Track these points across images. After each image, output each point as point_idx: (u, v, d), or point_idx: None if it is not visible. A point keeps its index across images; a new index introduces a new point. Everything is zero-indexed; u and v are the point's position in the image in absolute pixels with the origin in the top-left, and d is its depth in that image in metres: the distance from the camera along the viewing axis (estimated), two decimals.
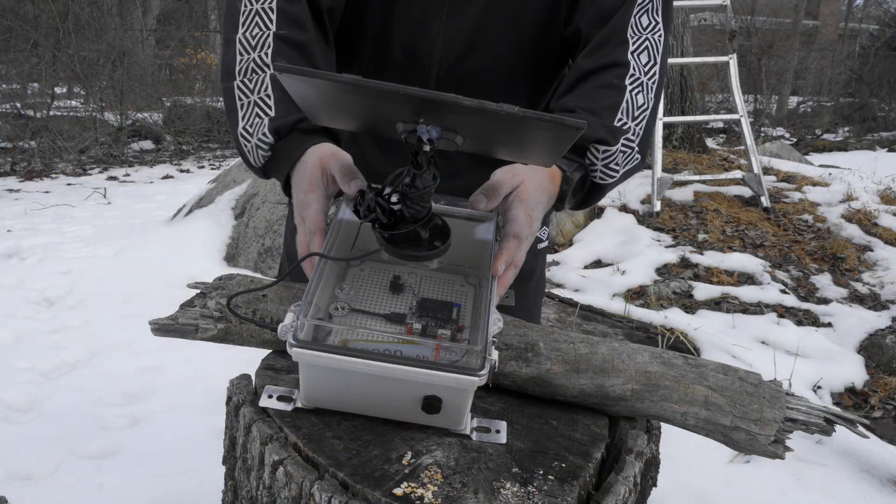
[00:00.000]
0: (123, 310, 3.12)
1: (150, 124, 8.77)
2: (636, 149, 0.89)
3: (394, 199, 0.67)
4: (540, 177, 0.81)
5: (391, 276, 0.76)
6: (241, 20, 0.87)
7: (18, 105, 7.91)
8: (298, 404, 0.70)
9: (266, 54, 0.85)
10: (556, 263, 3.74)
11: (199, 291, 0.86)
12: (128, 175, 7.07)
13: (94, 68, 8.42)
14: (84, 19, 8.88)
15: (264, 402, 0.71)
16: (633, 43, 0.90)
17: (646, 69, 0.90)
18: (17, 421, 2.16)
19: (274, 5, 0.87)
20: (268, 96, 0.85)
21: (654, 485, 0.77)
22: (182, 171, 7.52)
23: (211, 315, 0.83)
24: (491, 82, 0.97)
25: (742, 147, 4.90)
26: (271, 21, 0.86)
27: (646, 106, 0.90)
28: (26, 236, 4.35)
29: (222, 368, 2.39)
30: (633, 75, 0.89)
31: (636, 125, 0.88)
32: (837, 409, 0.76)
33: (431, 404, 0.64)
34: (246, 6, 0.87)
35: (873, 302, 3.35)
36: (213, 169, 7.68)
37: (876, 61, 15.06)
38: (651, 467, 0.75)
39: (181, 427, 2.14)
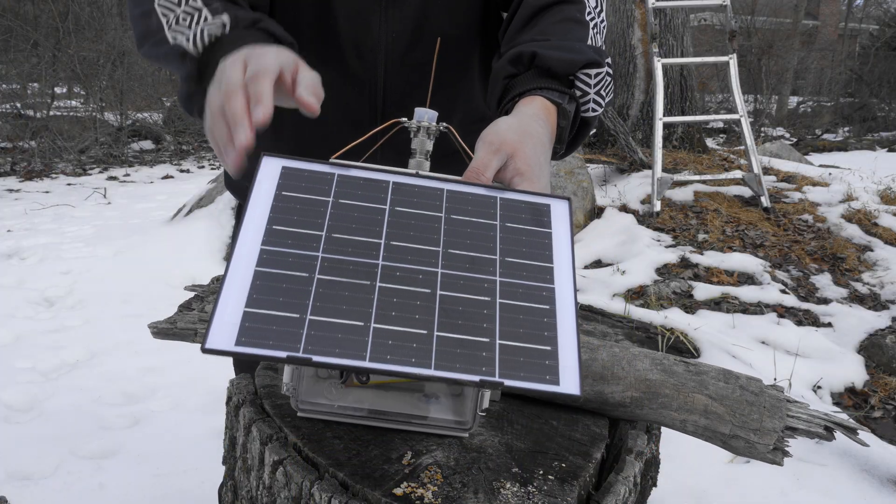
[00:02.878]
0: (123, 310, 3.12)
1: (150, 124, 8.77)
2: (612, 80, 0.84)
3: None
4: (535, 131, 0.72)
5: None
6: None
7: (18, 105, 7.91)
8: (300, 415, 0.70)
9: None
10: None
11: (195, 294, 0.86)
12: (128, 175, 7.07)
13: (94, 68, 8.42)
14: (84, 19, 8.88)
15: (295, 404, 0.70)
16: None
17: (597, 11, 0.87)
18: (17, 421, 2.16)
19: None
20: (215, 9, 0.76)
21: (654, 485, 0.77)
22: (182, 171, 7.52)
23: (209, 320, 0.83)
24: (442, 68, 0.91)
25: (742, 147, 4.90)
26: None
27: (602, 48, 0.86)
28: (26, 236, 4.35)
29: (222, 368, 2.40)
30: (589, 13, 0.86)
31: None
32: (838, 417, 0.76)
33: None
34: None
35: (873, 302, 3.35)
36: (213, 169, 7.68)
37: (876, 61, 15.06)
38: (651, 467, 0.75)
39: (181, 427, 2.14)
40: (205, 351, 0.51)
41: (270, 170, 0.61)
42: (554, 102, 0.77)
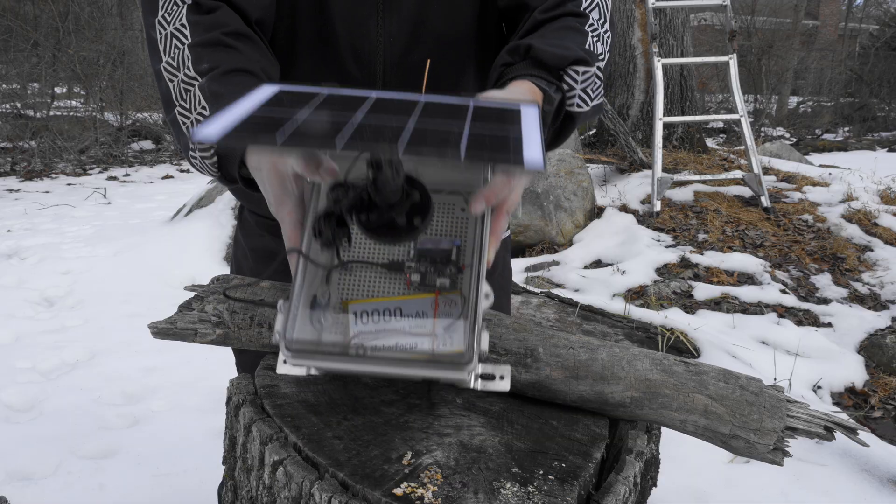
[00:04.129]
0: (123, 310, 3.12)
1: (150, 124, 8.77)
2: (602, 84, 0.88)
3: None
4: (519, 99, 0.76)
5: None
6: (161, 48, 0.84)
7: (18, 105, 7.91)
8: (313, 372, 0.69)
9: (189, 68, 0.82)
10: (556, 263, 3.74)
11: (195, 294, 0.86)
12: (128, 175, 7.07)
13: (94, 68, 8.42)
14: (84, 19, 8.88)
15: (280, 368, 0.70)
16: (585, 1, 0.91)
17: (600, 23, 0.91)
18: (17, 421, 2.16)
19: (185, 21, 0.83)
20: (203, 108, 0.81)
21: (654, 485, 0.77)
22: (182, 171, 7.52)
23: (209, 320, 0.83)
24: (438, 70, 0.94)
25: (742, 147, 4.90)
26: (186, 37, 0.83)
27: (602, 56, 0.90)
28: (26, 236, 4.35)
29: (222, 368, 2.40)
30: (591, 25, 0.90)
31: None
32: (838, 417, 0.76)
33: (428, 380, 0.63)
34: (160, 33, 0.84)
35: (873, 302, 3.35)
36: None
37: (876, 61, 15.06)
38: (651, 467, 0.75)
39: (181, 427, 2.14)
40: (193, 142, 0.51)
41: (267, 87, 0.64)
42: (541, 88, 0.81)
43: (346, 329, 0.67)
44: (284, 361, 0.66)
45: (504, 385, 0.68)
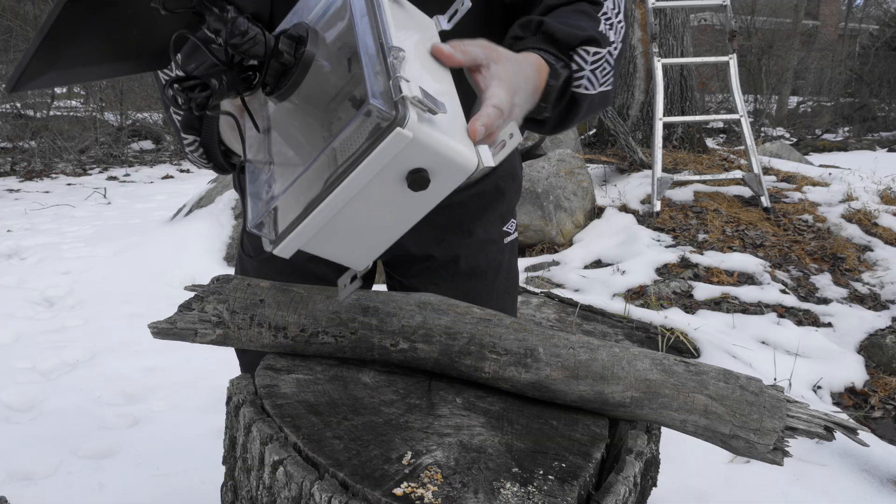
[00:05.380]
0: (123, 310, 3.12)
1: (150, 124, 8.77)
2: (612, 71, 0.87)
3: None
4: (523, 63, 0.73)
5: (349, 103, 0.66)
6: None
7: (18, 105, 7.91)
8: (359, 269, 0.68)
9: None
10: (556, 263, 3.74)
11: (195, 294, 0.86)
12: (128, 175, 7.07)
13: None
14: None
15: (342, 293, 0.69)
16: None
17: (614, 12, 0.90)
18: (17, 421, 2.16)
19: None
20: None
21: (654, 485, 0.77)
22: (182, 171, 7.52)
23: (209, 320, 0.83)
24: None
25: (742, 147, 4.90)
26: None
27: (615, 45, 0.88)
28: (26, 236, 4.35)
29: (222, 368, 2.40)
30: (605, 13, 0.88)
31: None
32: (838, 417, 0.76)
33: (416, 181, 0.56)
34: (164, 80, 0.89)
35: (873, 302, 3.35)
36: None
37: (876, 61, 15.06)
38: (651, 467, 0.75)
39: (181, 427, 2.14)
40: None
41: None
42: (548, 62, 0.79)
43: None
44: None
45: (516, 141, 0.62)
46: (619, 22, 0.90)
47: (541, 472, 0.63)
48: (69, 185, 6.42)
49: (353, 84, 0.65)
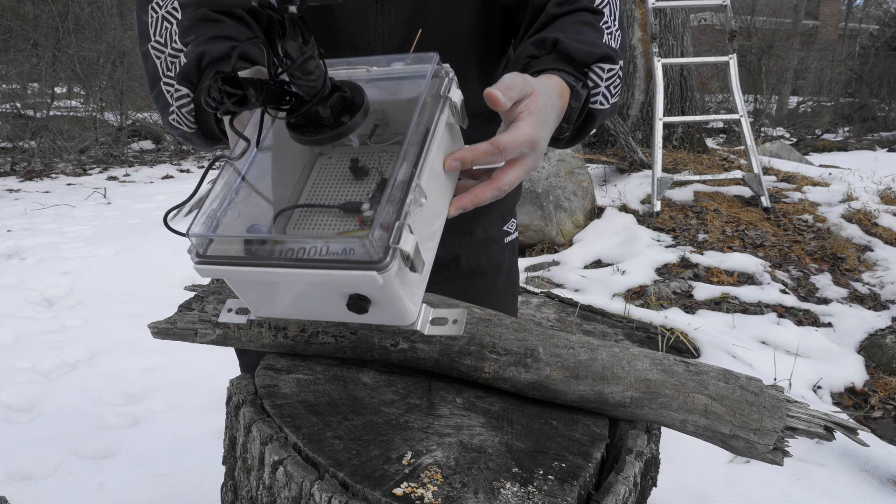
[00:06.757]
0: (123, 310, 3.12)
1: (150, 124, 8.77)
2: (622, 84, 0.89)
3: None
4: (549, 92, 0.75)
5: (348, 161, 0.67)
6: (152, 31, 0.86)
7: (18, 105, 7.91)
8: (252, 317, 0.67)
9: (176, 41, 0.85)
10: (556, 263, 3.74)
11: (195, 294, 0.86)
12: (128, 175, 7.07)
13: (94, 68, 8.42)
14: (84, 19, 8.88)
15: (223, 317, 0.68)
16: None
17: (612, 20, 0.91)
18: (17, 421, 2.16)
19: (177, 4, 0.86)
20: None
21: (654, 485, 0.77)
22: (182, 171, 7.52)
23: (209, 320, 0.83)
24: None
25: (742, 147, 4.90)
26: (176, 18, 0.86)
27: (621, 58, 0.90)
28: (26, 236, 4.35)
29: (222, 368, 2.40)
30: (605, 23, 0.90)
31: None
32: (838, 417, 0.76)
33: (356, 304, 0.57)
34: (152, 16, 0.86)
35: (873, 302, 3.35)
36: (213, 169, 7.67)
37: (876, 61, 15.06)
38: (651, 467, 0.75)
39: (181, 427, 2.14)
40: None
41: None
42: (569, 84, 0.80)
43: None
44: (222, 313, 0.64)
45: (457, 329, 0.63)
46: (618, 30, 0.92)
47: (541, 472, 0.63)
48: (69, 185, 6.42)
49: (362, 152, 0.67)
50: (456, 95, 0.67)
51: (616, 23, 0.91)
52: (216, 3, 0.56)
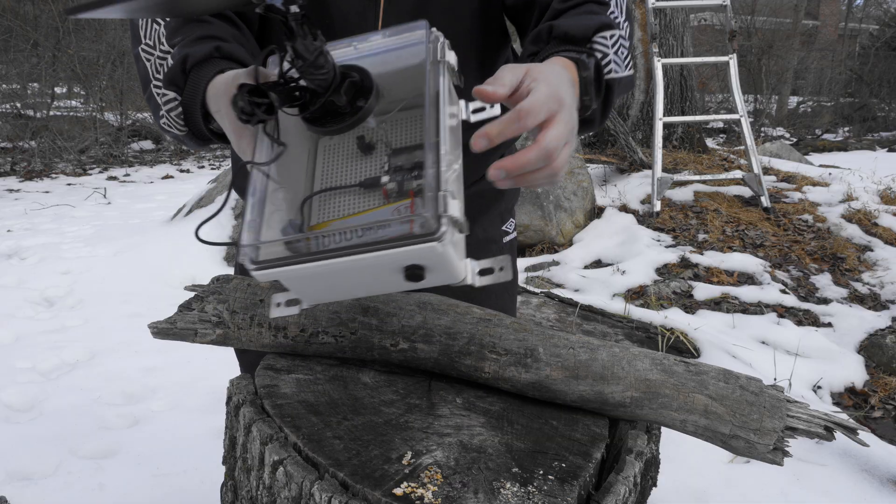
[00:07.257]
0: (123, 310, 3.12)
1: (150, 124, 8.77)
2: (629, 54, 0.87)
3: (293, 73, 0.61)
4: (551, 65, 0.73)
5: (354, 139, 0.68)
6: (142, 32, 0.87)
7: (18, 105, 7.91)
8: (305, 305, 0.67)
9: (163, 44, 0.85)
10: (556, 263, 3.74)
11: (195, 294, 0.86)
12: (128, 175, 7.07)
13: (94, 68, 8.42)
14: (84, 19, 8.87)
15: (274, 312, 0.67)
16: None
17: (619, 11, 0.90)
18: (17, 421, 2.16)
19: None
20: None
21: (654, 485, 0.77)
22: (182, 171, 7.52)
23: (209, 320, 0.83)
24: None
25: (742, 147, 4.90)
26: (164, 21, 0.86)
27: (624, 28, 0.89)
28: (26, 236, 4.35)
29: (222, 368, 2.40)
30: (612, 12, 0.89)
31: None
32: (838, 417, 0.76)
33: (414, 274, 0.59)
34: (141, 18, 0.87)
35: (873, 302, 3.35)
36: (213, 169, 7.68)
37: (876, 61, 15.06)
38: (651, 467, 0.75)
39: (181, 427, 2.14)
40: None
41: None
42: (571, 58, 0.78)
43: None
44: (267, 303, 0.64)
45: (505, 275, 0.63)
46: (625, 21, 0.91)
47: (541, 472, 0.63)
48: (69, 185, 6.42)
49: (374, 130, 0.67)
50: (451, 57, 0.67)
51: (623, 14, 0.91)
52: (220, 6, 0.56)
